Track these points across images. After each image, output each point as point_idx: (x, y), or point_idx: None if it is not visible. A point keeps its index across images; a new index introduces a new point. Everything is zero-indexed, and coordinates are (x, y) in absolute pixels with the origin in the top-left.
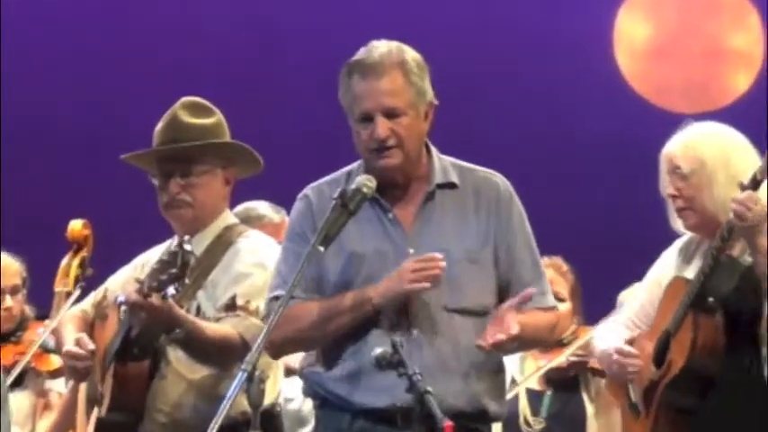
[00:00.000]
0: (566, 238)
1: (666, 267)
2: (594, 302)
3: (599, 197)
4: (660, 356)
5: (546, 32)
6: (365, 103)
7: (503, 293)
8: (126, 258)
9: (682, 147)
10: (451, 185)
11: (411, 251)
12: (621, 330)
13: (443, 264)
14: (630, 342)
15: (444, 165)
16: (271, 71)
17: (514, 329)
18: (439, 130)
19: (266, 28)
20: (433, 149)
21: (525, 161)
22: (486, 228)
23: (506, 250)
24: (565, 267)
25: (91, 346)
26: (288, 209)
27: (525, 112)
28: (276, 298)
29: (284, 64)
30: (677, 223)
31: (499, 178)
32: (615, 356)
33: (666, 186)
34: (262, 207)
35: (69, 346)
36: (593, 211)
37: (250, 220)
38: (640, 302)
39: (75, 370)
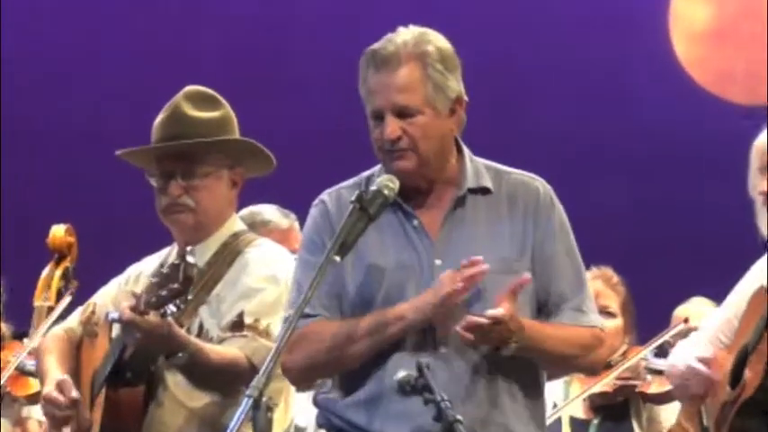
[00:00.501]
0: (615, 245)
1: (758, 278)
2: (646, 319)
3: (652, 198)
4: (736, 375)
5: (594, 14)
6: (376, 100)
7: (540, 310)
8: (116, 268)
9: None
10: (485, 191)
11: (438, 262)
12: (704, 347)
13: (486, 267)
14: (707, 361)
15: (477, 167)
16: (281, 62)
17: (498, 312)
18: (476, 124)
19: (276, 15)
20: (466, 150)
21: (570, 158)
22: (522, 236)
23: (545, 261)
24: (615, 279)
25: (74, 393)
26: (297, 213)
27: (571, 103)
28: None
29: (297, 54)
30: None
31: (539, 182)
32: (684, 373)
33: (758, 183)
34: (268, 211)
35: (50, 387)
36: (646, 215)
37: (255, 226)
38: (727, 316)
39: (53, 417)
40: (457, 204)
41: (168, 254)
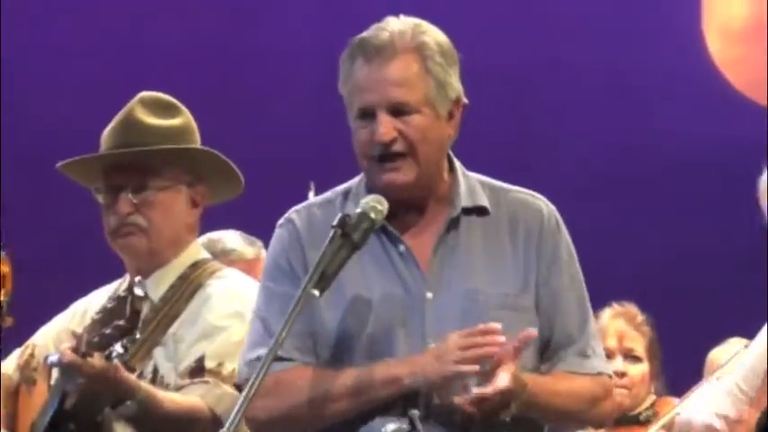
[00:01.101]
0: (640, 278)
1: None
2: (676, 364)
3: (682, 221)
4: None
5: (618, 10)
6: (367, 95)
7: (544, 350)
8: (59, 304)
9: None
10: (481, 210)
11: (429, 295)
12: (722, 399)
13: (502, 338)
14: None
15: (472, 184)
16: (248, 65)
17: (502, 381)
18: (480, 135)
19: (244, 8)
20: (457, 164)
21: (590, 174)
22: (524, 268)
23: (550, 295)
24: (640, 318)
25: None
26: (264, 240)
27: (592, 110)
28: (259, 358)
29: (267, 52)
30: None
31: (542, 202)
32: None
33: None
34: (230, 239)
35: None
36: (674, 241)
37: (215, 256)
38: (752, 363)
39: None
40: (450, 227)
41: (118, 287)
